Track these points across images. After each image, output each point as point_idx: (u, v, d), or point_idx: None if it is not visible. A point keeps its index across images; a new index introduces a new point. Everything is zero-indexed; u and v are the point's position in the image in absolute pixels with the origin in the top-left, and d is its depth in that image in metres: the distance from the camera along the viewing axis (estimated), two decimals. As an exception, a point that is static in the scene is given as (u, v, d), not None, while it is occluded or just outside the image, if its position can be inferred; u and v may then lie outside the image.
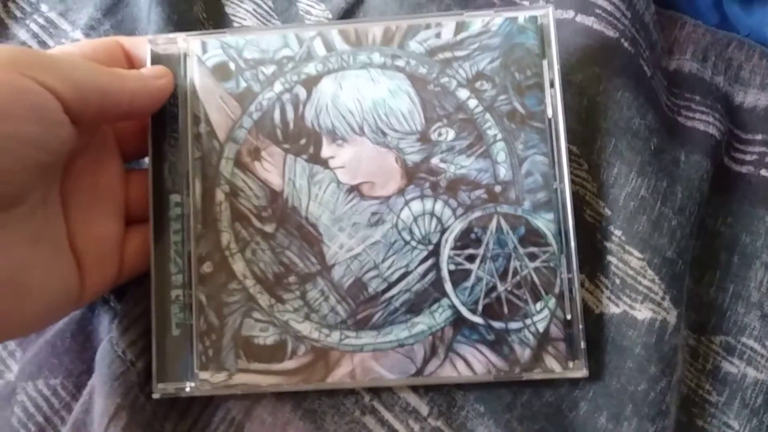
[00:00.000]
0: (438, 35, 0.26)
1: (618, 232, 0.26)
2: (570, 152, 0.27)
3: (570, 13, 0.29)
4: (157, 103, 0.24)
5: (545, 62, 0.26)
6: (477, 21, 0.26)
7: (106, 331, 0.25)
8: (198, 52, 0.26)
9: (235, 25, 0.32)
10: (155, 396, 0.24)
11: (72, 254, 0.23)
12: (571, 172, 0.27)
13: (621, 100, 0.28)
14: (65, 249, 0.22)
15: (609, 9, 0.29)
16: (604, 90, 0.28)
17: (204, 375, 0.24)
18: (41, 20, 0.32)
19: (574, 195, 0.27)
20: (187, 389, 0.24)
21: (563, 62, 0.28)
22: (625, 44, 0.29)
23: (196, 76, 0.26)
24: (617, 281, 0.26)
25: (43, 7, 0.32)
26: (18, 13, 0.32)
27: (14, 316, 0.20)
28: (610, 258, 0.26)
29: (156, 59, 0.26)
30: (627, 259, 0.26)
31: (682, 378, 0.27)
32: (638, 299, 0.25)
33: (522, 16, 0.26)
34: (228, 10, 0.33)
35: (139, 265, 0.25)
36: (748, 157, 0.30)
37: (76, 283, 0.22)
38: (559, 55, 0.26)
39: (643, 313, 0.25)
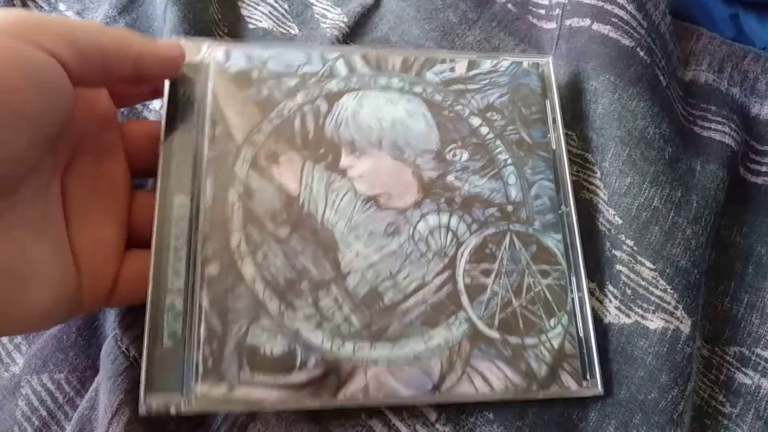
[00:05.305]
0: (452, 69, 0.28)
1: (630, 242, 0.27)
2: (584, 159, 0.29)
3: (586, 21, 0.30)
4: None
5: (548, 102, 0.28)
6: (487, 61, 0.29)
7: (112, 327, 0.24)
8: (221, 59, 0.26)
9: (250, 26, 0.32)
10: (141, 413, 0.21)
11: (71, 253, 0.21)
12: (585, 180, 0.28)
13: (636, 109, 0.28)
14: (65, 245, 0.21)
15: (625, 18, 0.30)
16: (619, 98, 0.28)
17: (202, 388, 0.22)
18: None
19: (588, 202, 0.28)
20: (182, 405, 0.21)
21: (579, 69, 0.29)
22: (641, 53, 0.29)
23: (217, 81, 0.26)
24: (628, 291, 0.26)
25: (61, 6, 0.32)
26: (36, 12, 0.32)
27: (14, 307, 0.19)
28: (620, 267, 0.27)
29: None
30: (638, 269, 0.26)
31: (695, 389, 0.27)
32: (650, 309, 0.26)
33: (526, 61, 0.29)
34: (244, 11, 0.33)
35: (136, 292, 0.23)
36: (764, 168, 0.32)
37: (75, 284, 0.21)
38: (576, 62, 0.26)
39: (655, 322, 0.26)
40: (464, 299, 0.25)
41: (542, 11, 0.34)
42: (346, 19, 0.33)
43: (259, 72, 0.27)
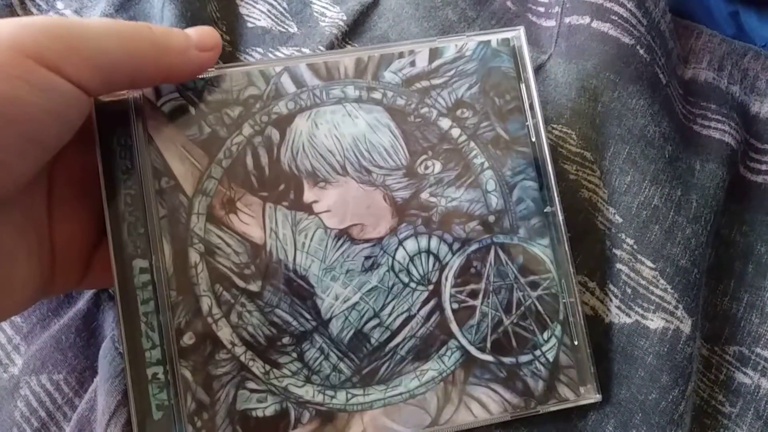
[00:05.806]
0: (412, 63, 0.25)
1: (630, 241, 0.26)
2: (583, 158, 0.28)
3: (586, 19, 0.29)
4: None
5: (523, 85, 0.25)
6: (450, 46, 0.25)
7: (111, 328, 0.24)
8: (151, 97, 0.23)
9: (249, 24, 0.31)
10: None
11: (50, 246, 0.22)
12: (584, 178, 0.27)
13: (636, 107, 0.28)
14: (45, 240, 0.21)
15: (625, 15, 0.29)
16: (619, 97, 0.28)
17: (198, 462, 0.22)
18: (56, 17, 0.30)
19: (587, 201, 0.27)
20: None
21: (579, 67, 0.28)
22: (641, 51, 0.29)
23: (151, 124, 0.23)
24: (628, 290, 0.26)
25: (59, 5, 0.31)
26: (34, 10, 0.31)
27: None
28: (620, 266, 0.26)
29: (101, 107, 0.23)
30: (639, 268, 0.26)
31: (695, 389, 0.27)
32: (650, 309, 0.25)
33: (494, 39, 0.26)
34: (242, 10, 0.31)
35: (106, 279, 0.24)
36: (764, 167, 0.31)
37: (50, 275, 0.22)
38: (575, 60, 0.25)
39: (655, 322, 0.25)
40: (454, 326, 0.24)
41: (541, 9, 0.32)
42: (345, 18, 0.31)
43: (195, 105, 0.23)
